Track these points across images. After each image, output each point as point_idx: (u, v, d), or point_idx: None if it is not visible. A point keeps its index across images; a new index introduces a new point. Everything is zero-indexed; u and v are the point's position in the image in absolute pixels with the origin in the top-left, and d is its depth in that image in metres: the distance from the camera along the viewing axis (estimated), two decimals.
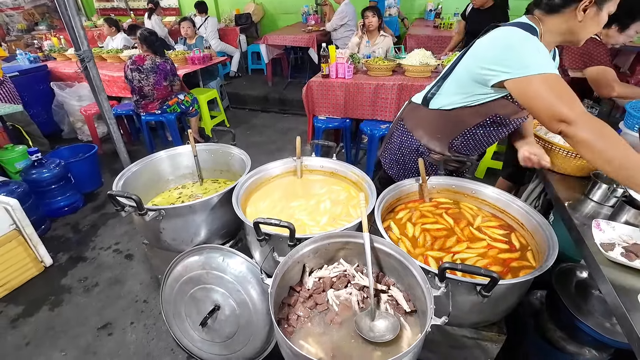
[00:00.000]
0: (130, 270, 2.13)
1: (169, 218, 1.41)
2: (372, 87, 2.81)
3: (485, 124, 1.32)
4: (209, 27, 5.37)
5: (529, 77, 1.03)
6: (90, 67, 2.01)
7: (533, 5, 1.17)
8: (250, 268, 1.42)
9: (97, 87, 2.06)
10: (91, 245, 2.37)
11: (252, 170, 1.57)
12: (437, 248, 1.27)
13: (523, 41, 1.07)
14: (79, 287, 2.03)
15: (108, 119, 2.16)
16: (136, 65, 3.11)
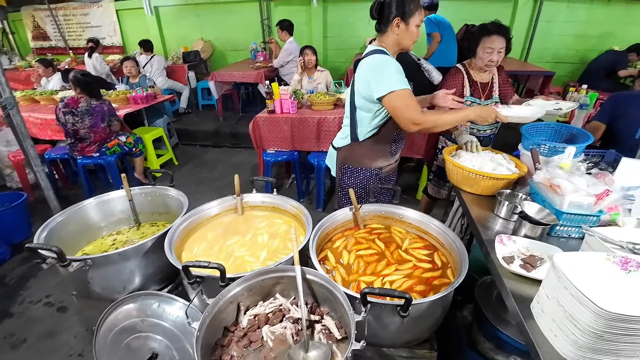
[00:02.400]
0: (63, 323, 1.96)
1: (97, 267, 1.35)
2: (316, 121, 2.96)
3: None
4: (154, 65, 5.36)
5: (394, 93, 1.44)
6: (13, 114, 1.91)
7: (376, 34, 1.61)
8: (190, 312, 1.38)
9: (21, 134, 1.96)
10: (19, 299, 2.16)
11: (189, 211, 1.57)
12: (369, 273, 1.34)
13: (386, 64, 1.48)
14: (5, 345, 1.83)
15: (34, 166, 2.04)
16: (69, 107, 3.00)
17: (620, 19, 5.05)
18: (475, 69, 2.06)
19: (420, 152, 2.87)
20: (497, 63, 1.96)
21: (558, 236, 1.28)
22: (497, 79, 2.10)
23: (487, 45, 1.90)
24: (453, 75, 2.09)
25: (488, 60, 1.93)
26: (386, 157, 1.79)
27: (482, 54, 1.94)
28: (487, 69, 2.00)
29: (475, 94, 2.06)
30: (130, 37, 6.77)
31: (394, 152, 1.81)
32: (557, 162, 1.44)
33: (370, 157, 1.76)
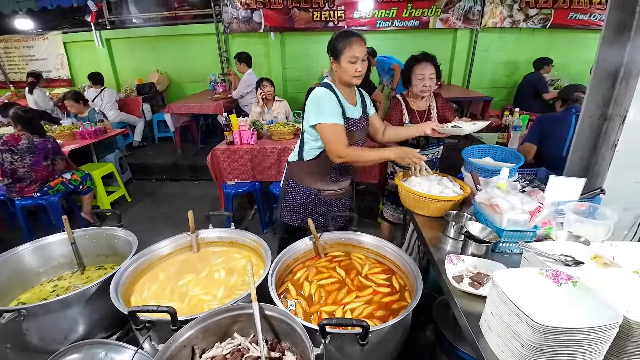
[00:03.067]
0: None
1: (34, 317, 1.22)
2: (276, 151, 2.99)
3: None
4: (105, 99, 5.17)
5: (322, 124, 1.62)
6: None
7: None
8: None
9: None
10: None
11: (139, 251, 1.49)
12: (331, 302, 1.33)
13: (323, 97, 1.65)
14: None
15: None
16: (7, 145, 2.78)
17: (544, 46, 5.76)
18: (413, 97, 2.22)
19: (375, 178, 2.98)
20: (431, 88, 2.12)
21: (502, 252, 1.37)
22: (435, 106, 2.27)
23: (418, 72, 2.08)
24: (393, 105, 2.25)
25: (422, 86, 2.09)
26: (326, 182, 1.86)
27: (415, 81, 2.12)
28: (423, 94, 2.16)
29: (413, 120, 2.21)
30: (79, 69, 6.52)
31: (334, 179, 1.87)
32: (494, 183, 1.57)
33: (310, 177, 1.85)
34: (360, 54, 1.61)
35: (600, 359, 0.79)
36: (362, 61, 1.63)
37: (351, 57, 1.60)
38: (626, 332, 0.79)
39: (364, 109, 1.82)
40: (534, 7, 5.54)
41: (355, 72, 1.63)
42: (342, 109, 1.68)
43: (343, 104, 1.69)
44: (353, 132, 1.74)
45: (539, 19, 5.63)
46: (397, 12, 5.71)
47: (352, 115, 1.73)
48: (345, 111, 1.70)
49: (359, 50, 1.60)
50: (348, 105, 1.73)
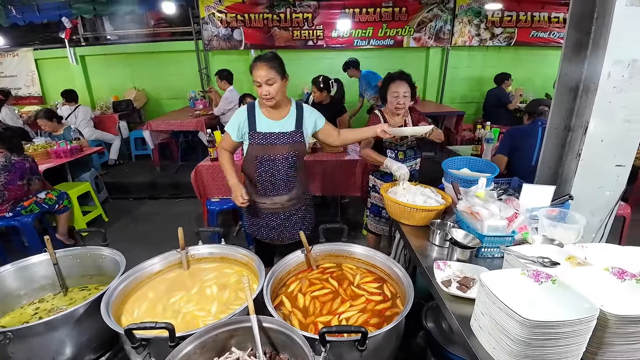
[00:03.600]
0: None
1: (20, 340, 1.17)
2: None
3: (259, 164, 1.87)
4: (79, 116, 5.03)
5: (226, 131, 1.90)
6: None
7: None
8: None
9: None
10: None
11: (127, 270, 1.46)
12: (326, 312, 1.36)
13: (236, 112, 1.88)
14: None
15: None
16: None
17: (509, 63, 6.18)
18: (389, 114, 2.32)
19: (358, 191, 3.06)
20: (405, 106, 2.22)
21: (484, 257, 1.45)
22: (410, 121, 2.36)
23: (393, 90, 2.19)
24: (373, 119, 2.32)
25: (396, 104, 2.19)
26: (257, 194, 1.96)
27: (390, 98, 2.22)
28: (397, 112, 2.25)
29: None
30: (51, 86, 6.32)
31: (263, 192, 1.94)
32: (474, 192, 1.67)
33: (249, 187, 1.96)
34: (261, 79, 1.69)
35: (582, 350, 0.86)
36: (268, 85, 1.70)
37: (255, 81, 1.72)
38: (603, 324, 0.86)
39: (297, 124, 1.88)
40: (499, 26, 5.97)
41: (261, 95, 1.74)
42: (252, 124, 1.82)
43: (257, 119, 1.83)
44: (265, 145, 1.83)
45: (504, 37, 6.06)
46: (373, 31, 5.97)
47: (265, 130, 1.83)
48: (257, 125, 1.82)
49: (259, 75, 1.69)
50: (266, 120, 1.84)
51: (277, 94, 1.74)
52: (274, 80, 1.71)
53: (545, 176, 1.94)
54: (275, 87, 1.73)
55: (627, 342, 0.88)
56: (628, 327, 0.85)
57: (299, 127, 1.88)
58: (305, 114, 1.91)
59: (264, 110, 1.85)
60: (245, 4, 5.74)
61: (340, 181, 3.07)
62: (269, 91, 1.72)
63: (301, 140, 1.90)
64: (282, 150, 1.85)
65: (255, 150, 1.85)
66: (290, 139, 1.86)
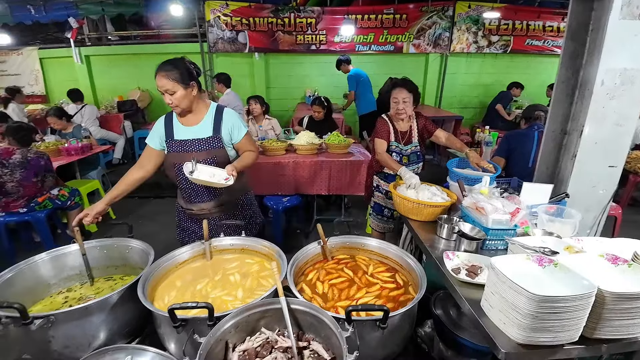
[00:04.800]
0: None
1: (60, 324, 1.25)
2: (271, 166, 3.12)
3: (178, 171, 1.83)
4: (85, 115, 5.10)
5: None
6: None
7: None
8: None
9: None
10: None
11: (157, 259, 1.55)
12: (344, 298, 1.47)
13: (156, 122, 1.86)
14: None
15: None
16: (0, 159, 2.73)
17: (505, 69, 6.41)
18: (394, 119, 2.43)
19: (361, 190, 3.18)
20: (405, 112, 2.30)
21: (488, 249, 1.57)
22: (416, 126, 2.47)
23: (393, 96, 2.30)
24: (381, 124, 2.43)
25: (397, 109, 2.30)
26: (184, 201, 2.00)
27: (391, 104, 2.34)
28: (399, 117, 2.36)
29: (397, 139, 2.43)
30: (55, 85, 6.37)
31: (188, 199, 1.96)
32: (478, 189, 1.80)
33: (178, 195, 2.05)
34: (161, 87, 1.67)
35: (582, 323, 0.98)
36: (169, 95, 1.68)
37: (158, 90, 1.70)
38: (600, 301, 0.98)
39: (215, 129, 1.82)
40: (496, 34, 6.17)
41: (167, 102, 1.72)
42: (169, 131, 1.81)
43: (174, 126, 1.82)
44: (181, 152, 1.79)
45: (501, 45, 6.27)
46: (374, 37, 6.14)
47: (181, 137, 1.81)
48: (174, 133, 1.81)
49: (159, 85, 1.67)
50: (181, 127, 1.82)
51: (180, 102, 1.71)
52: (174, 89, 1.68)
53: (543, 176, 2.07)
54: (178, 97, 1.69)
55: (621, 318, 1.00)
56: (622, 304, 0.97)
57: (216, 133, 1.82)
58: (225, 119, 1.84)
59: (179, 117, 1.84)
60: (250, 8, 5.87)
61: (346, 181, 3.19)
62: (172, 100, 1.70)
63: (220, 146, 1.83)
64: (199, 157, 1.77)
65: (173, 158, 1.82)
66: (206, 145, 1.80)
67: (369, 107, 5.28)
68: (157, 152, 1.86)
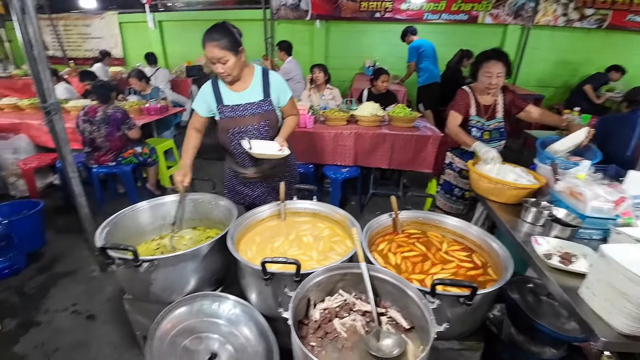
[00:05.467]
0: (95, 332, 1.93)
1: (160, 268, 1.40)
2: (332, 135, 3.12)
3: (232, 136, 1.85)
4: (159, 78, 5.41)
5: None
6: (56, 120, 1.96)
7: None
8: (246, 310, 1.45)
9: (61, 140, 2.00)
10: (43, 309, 2.10)
11: (240, 216, 1.65)
12: (418, 272, 1.46)
13: (202, 87, 1.83)
14: (37, 354, 1.78)
15: (71, 172, 2.06)
16: (88, 116, 3.03)
17: (599, 48, 5.58)
18: (478, 92, 2.26)
19: (430, 167, 3.06)
20: (497, 86, 2.13)
21: (581, 238, 1.45)
22: (502, 101, 2.28)
23: (486, 70, 2.10)
24: (462, 96, 2.27)
25: (488, 84, 2.12)
26: (236, 165, 2.00)
27: (482, 78, 2.14)
28: (488, 91, 2.18)
29: (479, 114, 2.26)
30: (132, 49, 6.83)
31: (241, 164, 1.96)
32: (573, 174, 1.64)
33: (228, 159, 2.05)
34: (212, 58, 1.62)
35: None
36: (221, 64, 1.64)
37: (208, 59, 1.66)
38: None
39: (265, 93, 1.82)
40: (591, 6, 5.36)
41: (218, 72, 1.68)
42: (218, 97, 1.79)
43: (222, 92, 1.80)
44: (234, 117, 1.80)
45: (595, 19, 5.45)
46: (446, 5, 5.66)
47: (231, 102, 1.80)
48: (223, 99, 1.80)
49: (210, 55, 1.62)
50: (230, 92, 1.80)
51: (232, 70, 1.68)
52: (227, 58, 1.63)
53: None
54: (230, 65, 1.66)
55: None
56: None
57: (266, 96, 1.82)
58: (272, 82, 1.83)
59: (227, 83, 1.80)
60: None
61: (409, 156, 3.09)
62: (224, 69, 1.66)
63: (271, 109, 1.84)
64: (252, 121, 1.80)
65: (226, 123, 1.83)
66: (258, 109, 1.81)
67: (430, 79, 5.02)
68: (204, 118, 1.90)
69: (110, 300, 2.19)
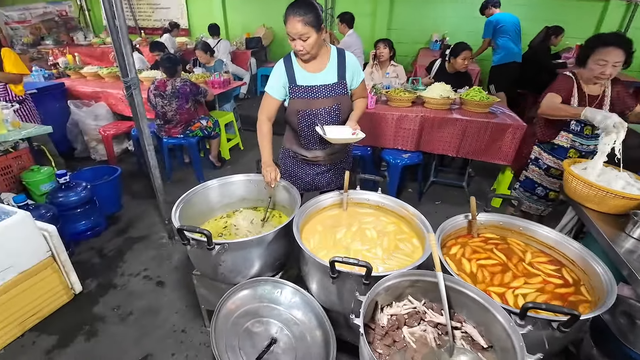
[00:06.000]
0: (163, 299, 2.10)
1: (229, 251, 1.44)
2: (395, 118, 2.92)
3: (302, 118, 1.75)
4: (220, 50, 5.49)
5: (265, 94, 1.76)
6: (135, 94, 2.05)
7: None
8: (305, 299, 1.45)
9: (139, 114, 2.10)
10: (119, 272, 2.32)
11: (304, 203, 1.62)
12: (497, 284, 1.33)
13: (274, 67, 1.72)
14: (113, 316, 1.98)
15: (147, 145, 2.18)
16: (159, 90, 3.15)
17: None
18: (583, 80, 1.93)
19: (507, 159, 2.77)
20: (610, 77, 1.80)
21: None
22: (610, 92, 1.93)
23: (600, 57, 1.76)
24: (564, 81, 1.96)
25: (599, 73, 1.79)
26: (299, 147, 1.90)
27: (593, 65, 1.80)
28: (597, 81, 1.86)
29: (582, 104, 1.92)
30: (196, 20, 6.97)
31: (304, 146, 1.87)
32: None
33: (289, 139, 1.94)
34: (294, 34, 1.52)
35: None
36: (302, 40, 1.53)
37: (288, 34, 1.55)
38: None
39: (340, 75, 1.72)
40: None
41: (295, 50, 1.59)
42: (291, 77, 1.69)
43: (295, 72, 1.69)
44: (307, 99, 1.71)
45: None
46: None
47: (305, 83, 1.70)
48: (296, 79, 1.70)
49: (293, 31, 1.51)
50: (305, 72, 1.70)
51: (312, 48, 1.58)
52: (309, 35, 1.53)
53: None
54: (311, 42, 1.55)
55: None
56: None
57: (341, 78, 1.73)
58: (348, 63, 1.74)
59: (301, 63, 1.70)
60: None
61: (482, 145, 2.81)
62: (304, 46, 1.56)
63: (345, 92, 1.76)
64: (325, 104, 1.73)
65: (297, 104, 1.73)
66: (332, 92, 1.72)
67: (508, 58, 4.45)
68: (279, 102, 1.77)
69: (178, 269, 2.35)
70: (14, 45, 6.95)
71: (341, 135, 1.71)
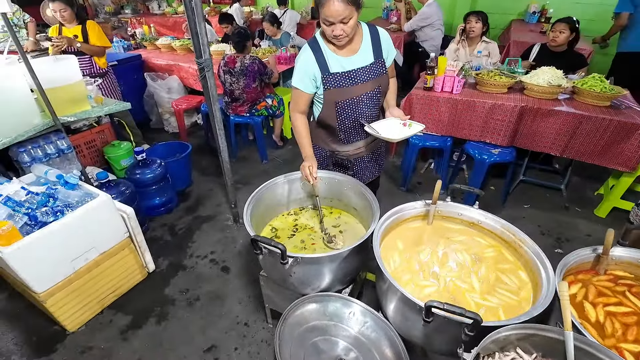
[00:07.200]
0: (228, 286, 2.11)
1: (301, 264, 1.32)
2: (487, 106, 2.50)
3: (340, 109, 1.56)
4: (286, 21, 5.23)
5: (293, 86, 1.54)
6: (208, 76, 1.96)
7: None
8: (380, 325, 1.32)
9: (212, 97, 2.01)
10: (188, 252, 2.38)
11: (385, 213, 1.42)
12: (632, 339, 1.04)
13: (299, 57, 1.50)
14: (182, 300, 2.03)
15: (218, 129, 2.11)
16: (228, 67, 3.07)
17: None
18: None
19: (630, 166, 2.24)
20: None
21: None
22: None
23: None
24: None
25: None
26: (338, 143, 1.71)
27: None
28: None
29: None
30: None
31: (344, 140, 1.68)
32: None
33: (324, 138, 1.73)
34: (335, 18, 1.29)
35: None
36: (343, 24, 1.31)
37: (324, 19, 1.33)
38: None
39: (376, 53, 1.52)
40: None
41: (332, 35, 1.36)
42: (323, 65, 1.45)
43: (327, 60, 1.45)
44: (344, 87, 1.49)
45: None
46: None
47: (339, 69, 1.47)
48: (329, 67, 1.46)
49: (333, 13, 1.28)
50: (337, 57, 1.47)
51: (351, 31, 1.36)
52: (351, 16, 1.31)
53: None
54: (351, 24, 1.34)
55: None
56: None
57: (378, 56, 1.52)
58: (382, 39, 1.53)
59: (331, 46, 1.47)
60: None
61: (599, 146, 2.30)
62: (344, 30, 1.34)
63: (384, 72, 1.56)
64: (365, 89, 1.53)
65: (334, 95, 1.50)
66: (372, 74, 1.52)
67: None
68: (311, 95, 1.55)
69: (241, 254, 2.34)
70: (98, 14, 7.37)
71: (402, 132, 1.50)
